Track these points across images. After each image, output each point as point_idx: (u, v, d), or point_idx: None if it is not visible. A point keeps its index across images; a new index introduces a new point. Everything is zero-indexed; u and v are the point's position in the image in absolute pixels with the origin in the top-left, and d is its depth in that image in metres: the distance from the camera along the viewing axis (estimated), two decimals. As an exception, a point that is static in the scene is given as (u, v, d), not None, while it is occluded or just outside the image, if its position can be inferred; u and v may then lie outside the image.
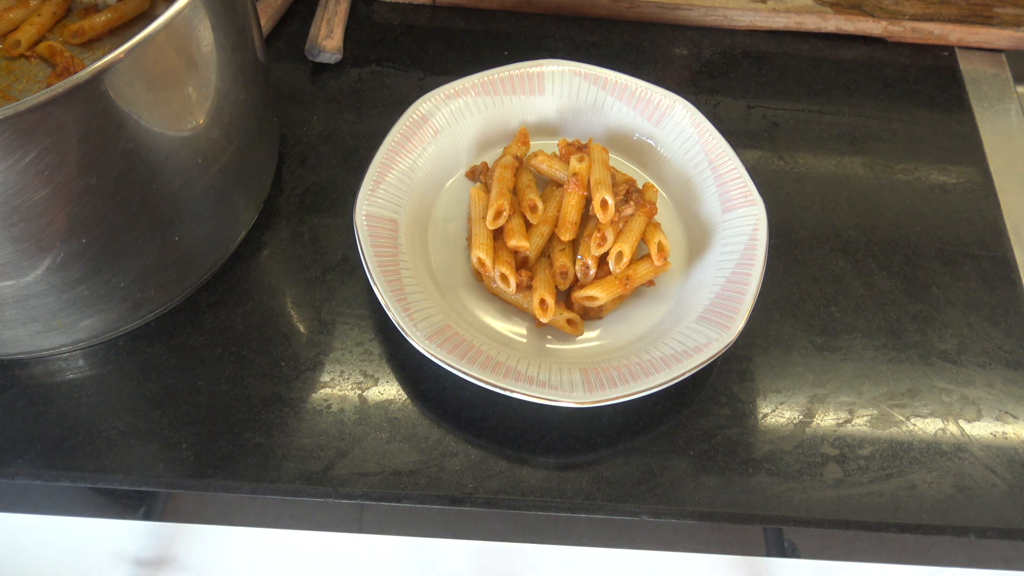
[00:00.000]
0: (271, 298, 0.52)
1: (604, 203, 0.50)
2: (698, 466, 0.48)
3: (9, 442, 0.46)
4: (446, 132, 0.55)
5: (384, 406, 0.49)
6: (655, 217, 0.52)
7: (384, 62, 0.64)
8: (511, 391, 0.45)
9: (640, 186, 0.55)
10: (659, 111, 0.56)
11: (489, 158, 0.57)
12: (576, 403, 0.45)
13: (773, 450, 0.48)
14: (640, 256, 0.52)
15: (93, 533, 0.73)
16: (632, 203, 0.51)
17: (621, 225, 0.50)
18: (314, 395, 0.49)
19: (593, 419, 0.49)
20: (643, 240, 0.51)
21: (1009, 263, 0.57)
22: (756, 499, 0.47)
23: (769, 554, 0.52)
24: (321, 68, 0.63)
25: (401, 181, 0.52)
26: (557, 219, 0.51)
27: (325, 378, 0.49)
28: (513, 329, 0.50)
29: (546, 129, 0.58)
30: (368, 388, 0.49)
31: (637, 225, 0.50)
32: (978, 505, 0.47)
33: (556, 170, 0.54)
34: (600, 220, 0.50)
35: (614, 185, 0.52)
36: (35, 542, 0.74)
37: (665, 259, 0.50)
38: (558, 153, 0.55)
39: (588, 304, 0.50)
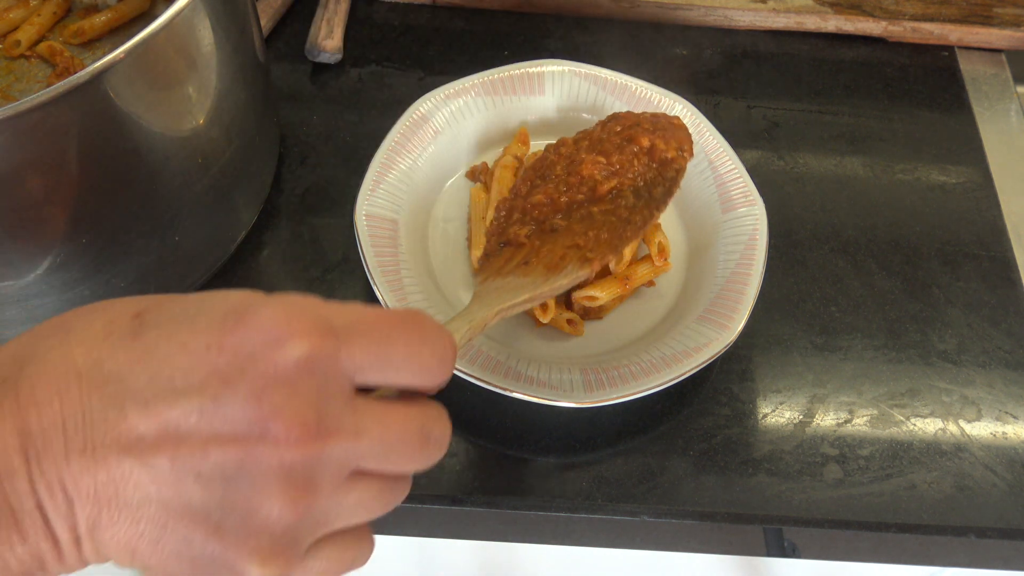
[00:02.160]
0: (271, 298, 0.52)
1: (604, 203, 0.50)
2: (698, 466, 0.48)
3: (9, 442, 0.46)
4: (446, 132, 0.55)
5: (384, 406, 0.49)
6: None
7: (384, 62, 0.64)
8: (511, 391, 0.45)
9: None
10: (659, 111, 0.56)
11: (489, 158, 0.57)
12: (576, 403, 0.45)
13: (773, 450, 0.48)
14: (640, 257, 0.52)
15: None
16: (632, 203, 0.51)
17: (621, 225, 0.50)
18: (314, 395, 0.49)
19: (593, 419, 0.49)
20: (643, 241, 0.51)
21: (1009, 263, 0.57)
22: (756, 499, 0.47)
23: (769, 554, 0.52)
24: (321, 68, 0.63)
25: (401, 181, 0.52)
26: (557, 219, 0.51)
27: (325, 378, 0.49)
28: (513, 329, 0.50)
29: (546, 129, 0.58)
30: (368, 388, 0.49)
31: (637, 225, 0.50)
32: (978, 505, 0.47)
33: (556, 170, 0.54)
34: (600, 220, 0.50)
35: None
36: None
37: (665, 259, 0.50)
38: (558, 153, 0.55)
39: (588, 304, 0.50)
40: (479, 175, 0.56)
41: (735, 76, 0.66)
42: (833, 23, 0.68)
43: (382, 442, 0.26)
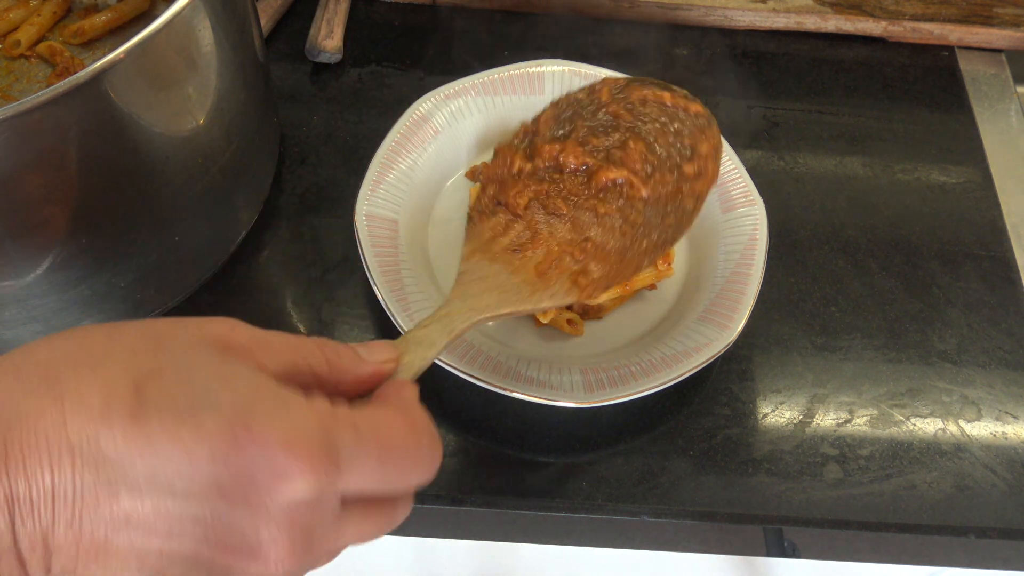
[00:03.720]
0: (271, 298, 0.52)
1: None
2: (698, 466, 0.48)
3: (9, 442, 0.46)
4: (446, 132, 0.55)
5: (384, 406, 0.49)
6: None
7: (384, 62, 0.64)
8: (511, 391, 0.45)
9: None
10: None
11: (489, 158, 0.57)
12: (576, 403, 0.45)
13: (773, 450, 0.48)
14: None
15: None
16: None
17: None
18: (314, 395, 0.49)
19: (593, 419, 0.49)
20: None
21: (1009, 263, 0.57)
22: (756, 499, 0.47)
23: (769, 554, 0.52)
24: (321, 68, 0.63)
25: (401, 181, 0.52)
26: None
27: (325, 378, 0.49)
28: (513, 329, 0.50)
29: (546, 129, 0.58)
30: (368, 388, 0.49)
31: (637, 225, 0.50)
32: (978, 505, 0.47)
33: (556, 170, 0.54)
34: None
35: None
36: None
37: (669, 264, 0.50)
38: (558, 153, 0.55)
39: (588, 303, 0.50)
40: (479, 175, 0.56)
41: (735, 76, 0.66)
42: (833, 23, 0.68)
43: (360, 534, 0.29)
